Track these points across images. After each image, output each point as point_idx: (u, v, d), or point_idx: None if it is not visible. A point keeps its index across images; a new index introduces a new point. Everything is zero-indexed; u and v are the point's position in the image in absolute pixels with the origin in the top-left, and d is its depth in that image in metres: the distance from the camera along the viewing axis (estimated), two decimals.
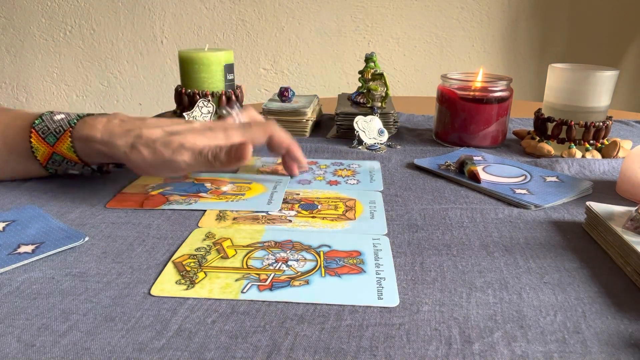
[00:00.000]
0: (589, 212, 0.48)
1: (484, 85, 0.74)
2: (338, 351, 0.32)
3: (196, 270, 0.41)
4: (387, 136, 0.76)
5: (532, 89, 1.91)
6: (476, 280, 0.40)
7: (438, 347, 0.32)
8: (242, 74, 1.87)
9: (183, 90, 0.81)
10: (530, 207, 0.54)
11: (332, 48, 1.87)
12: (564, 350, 0.32)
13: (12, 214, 0.49)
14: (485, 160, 0.68)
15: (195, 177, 0.61)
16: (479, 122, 0.74)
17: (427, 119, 0.94)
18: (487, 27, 1.86)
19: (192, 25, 1.84)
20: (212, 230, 0.48)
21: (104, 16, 1.83)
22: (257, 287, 0.38)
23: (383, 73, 0.78)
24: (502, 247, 0.45)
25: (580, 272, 0.41)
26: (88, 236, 0.46)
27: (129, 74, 1.90)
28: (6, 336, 0.33)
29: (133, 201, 0.54)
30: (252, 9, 1.82)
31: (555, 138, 0.72)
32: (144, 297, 0.37)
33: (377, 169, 0.66)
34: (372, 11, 1.83)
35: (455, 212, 0.53)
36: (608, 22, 1.85)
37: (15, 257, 0.41)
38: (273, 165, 0.66)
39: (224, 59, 0.80)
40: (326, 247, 0.45)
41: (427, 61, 1.90)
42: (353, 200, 0.55)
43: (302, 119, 0.80)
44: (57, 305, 0.36)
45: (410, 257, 0.43)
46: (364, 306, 0.36)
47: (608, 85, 0.69)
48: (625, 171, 0.57)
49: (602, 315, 0.36)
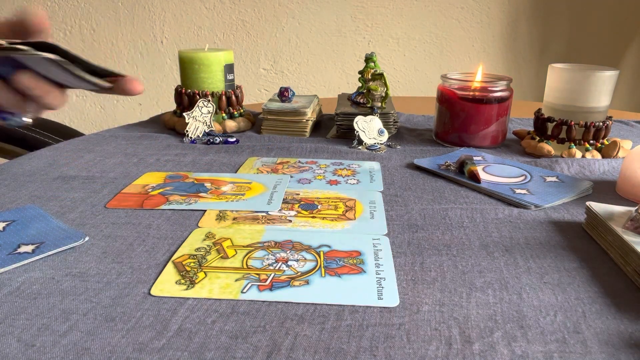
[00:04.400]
0: (589, 212, 0.48)
1: (484, 85, 0.74)
2: (338, 351, 0.32)
3: (196, 270, 0.41)
4: (387, 136, 0.76)
5: (532, 89, 1.91)
6: (476, 280, 0.40)
7: (438, 347, 0.32)
8: (242, 74, 1.87)
9: (183, 90, 0.81)
10: (530, 207, 0.54)
11: (332, 48, 1.87)
12: (564, 350, 0.32)
13: (12, 214, 0.49)
14: (485, 160, 0.68)
15: (195, 177, 0.61)
16: (479, 122, 0.74)
17: (427, 119, 0.94)
18: (487, 27, 1.86)
19: (192, 25, 1.84)
20: (212, 230, 0.48)
21: (104, 16, 1.83)
22: (257, 287, 0.38)
23: (383, 73, 0.78)
24: (502, 247, 0.45)
25: (580, 272, 0.41)
26: (88, 236, 0.46)
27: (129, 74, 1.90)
28: (6, 336, 0.33)
29: (133, 201, 0.54)
30: (252, 9, 1.82)
31: (555, 138, 0.72)
32: (144, 297, 0.37)
33: (377, 169, 0.66)
34: (372, 11, 1.83)
35: (455, 212, 0.53)
36: (608, 22, 1.85)
37: (15, 257, 0.41)
38: (273, 165, 0.66)
39: (224, 59, 0.80)
40: (326, 247, 0.45)
41: (427, 61, 1.90)
42: (353, 200, 0.55)
43: (302, 119, 0.80)
44: (57, 305, 0.36)
45: (410, 257, 0.43)
46: (364, 306, 0.36)
47: (608, 85, 0.69)
48: (625, 171, 0.57)
49: (602, 315, 0.36)
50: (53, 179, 0.60)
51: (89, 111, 1.91)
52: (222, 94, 0.81)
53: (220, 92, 0.81)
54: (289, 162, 0.68)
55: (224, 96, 0.81)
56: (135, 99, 1.93)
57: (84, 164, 0.66)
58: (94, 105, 1.94)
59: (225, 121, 0.81)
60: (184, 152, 0.72)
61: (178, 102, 0.83)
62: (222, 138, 0.76)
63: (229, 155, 0.71)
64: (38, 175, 0.61)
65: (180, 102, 0.82)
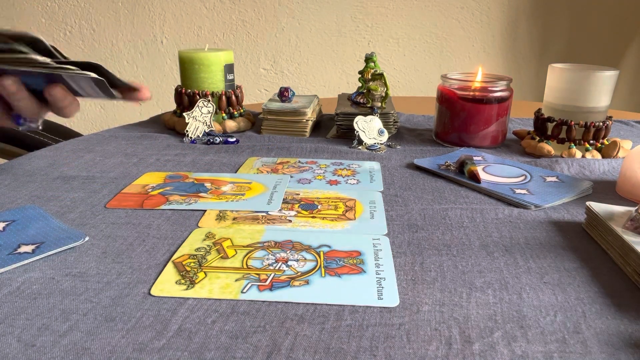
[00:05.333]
0: (589, 212, 0.48)
1: (484, 85, 0.74)
2: (338, 351, 0.32)
3: (196, 270, 0.41)
4: (387, 136, 0.76)
5: (532, 89, 1.91)
6: (476, 280, 0.40)
7: (438, 347, 0.32)
8: (242, 74, 1.87)
9: (183, 90, 0.81)
10: (530, 207, 0.54)
11: (332, 48, 1.87)
12: (564, 350, 0.32)
13: (12, 214, 0.49)
14: (485, 160, 0.68)
15: (195, 177, 0.61)
16: (479, 122, 0.74)
17: (427, 119, 0.94)
18: (487, 27, 1.86)
19: (192, 25, 1.84)
20: (212, 230, 0.48)
21: (104, 16, 1.83)
22: (257, 287, 0.38)
23: (383, 73, 0.78)
24: (502, 247, 0.45)
25: (580, 272, 0.41)
26: (88, 236, 0.46)
27: (129, 74, 1.90)
28: (6, 336, 0.33)
29: (133, 201, 0.54)
30: (252, 9, 1.82)
31: (555, 138, 0.72)
32: (144, 297, 0.37)
33: (377, 169, 0.66)
34: (372, 11, 1.83)
35: (455, 212, 0.53)
36: (608, 22, 1.85)
37: (15, 257, 0.41)
38: (273, 165, 0.66)
39: (224, 59, 0.80)
40: (326, 247, 0.45)
41: (427, 61, 1.90)
42: (353, 200, 0.55)
43: (302, 119, 0.80)
44: (57, 305, 0.36)
45: (410, 257, 0.43)
46: (364, 306, 0.36)
47: (608, 85, 0.69)
48: (625, 171, 0.57)
49: (602, 315, 0.36)
50: (53, 179, 0.60)
51: (89, 111, 1.91)
52: (222, 94, 0.81)
53: (220, 92, 0.81)
54: (289, 162, 0.68)
55: (224, 96, 0.81)
56: None
57: (84, 164, 0.66)
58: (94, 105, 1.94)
59: (225, 121, 0.81)
60: (184, 152, 0.72)
61: (178, 102, 0.83)
62: (222, 138, 0.76)
63: (229, 155, 0.71)
64: (38, 175, 0.61)
65: (180, 102, 0.82)
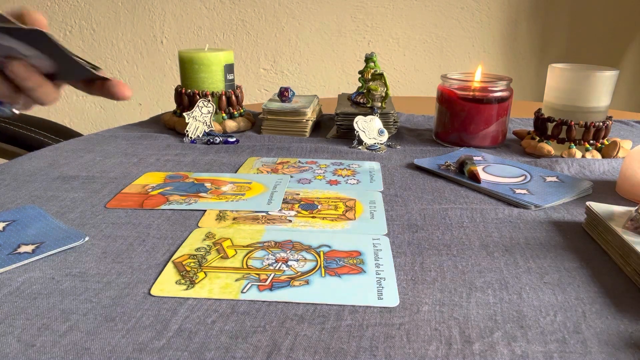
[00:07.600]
0: (589, 212, 0.48)
1: (484, 85, 0.74)
2: (338, 351, 0.32)
3: (196, 270, 0.41)
4: (387, 136, 0.76)
5: (532, 89, 1.91)
6: (476, 280, 0.40)
7: (438, 347, 0.32)
8: (242, 74, 1.87)
9: (183, 90, 0.81)
10: (530, 207, 0.54)
11: (332, 48, 1.87)
12: (564, 350, 0.32)
13: (12, 214, 0.49)
14: (485, 160, 0.68)
15: (195, 177, 0.61)
16: (479, 122, 0.74)
17: (427, 119, 0.94)
18: (487, 27, 1.86)
19: (192, 25, 1.84)
20: (212, 230, 0.48)
21: (104, 16, 1.83)
22: (257, 287, 0.38)
23: (383, 73, 0.78)
24: (502, 247, 0.45)
25: (580, 272, 0.41)
26: (88, 236, 0.46)
27: (129, 74, 1.89)
28: (6, 336, 0.33)
29: (133, 201, 0.54)
30: (252, 9, 1.82)
31: (555, 138, 0.72)
32: (144, 297, 0.37)
33: (377, 169, 0.66)
34: (372, 11, 1.83)
35: (455, 212, 0.53)
36: (608, 22, 1.85)
37: (15, 257, 0.41)
38: (273, 165, 0.66)
39: (224, 59, 0.80)
40: (326, 247, 0.45)
41: (427, 61, 1.90)
42: (353, 200, 0.55)
43: (302, 119, 0.80)
44: (57, 305, 0.36)
45: (410, 257, 0.43)
46: (364, 306, 0.36)
47: (608, 85, 0.69)
48: (625, 171, 0.57)
49: (602, 315, 0.36)
50: (53, 179, 0.60)
51: (89, 111, 1.91)
52: (222, 94, 0.81)
53: (220, 92, 0.81)
54: (289, 162, 0.68)
55: (224, 96, 0.81)
56: (135, 99, 1.93)
57: (84, 164, 0.66)
58: (94, 105, 1.94)
59: (225, 121, 0.81)
60: (184, 152, 0.72)
61: (178, 102, 0.83)
62: (222, 138, 0.76)
63: (229, 155, 0.71)
64: (38, 175, 0.61)
65: (180, 102, 0.82)
